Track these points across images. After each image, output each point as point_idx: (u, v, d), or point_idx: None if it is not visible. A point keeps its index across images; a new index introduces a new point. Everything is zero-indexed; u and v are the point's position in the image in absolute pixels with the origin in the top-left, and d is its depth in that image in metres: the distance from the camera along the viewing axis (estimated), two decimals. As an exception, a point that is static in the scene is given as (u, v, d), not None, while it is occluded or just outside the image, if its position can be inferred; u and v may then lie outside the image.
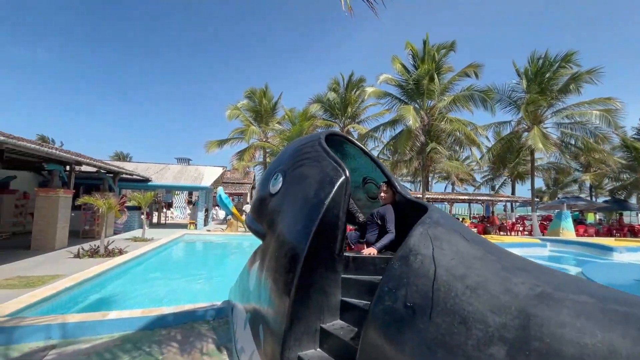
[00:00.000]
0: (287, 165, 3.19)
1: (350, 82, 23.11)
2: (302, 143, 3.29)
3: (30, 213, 14.38)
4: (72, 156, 9.35)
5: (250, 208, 3.79)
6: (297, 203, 2.73)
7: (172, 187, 16.64)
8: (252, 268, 3.29)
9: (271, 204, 3.14)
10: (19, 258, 8.34)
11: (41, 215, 9.82)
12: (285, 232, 2.66)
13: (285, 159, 3.31)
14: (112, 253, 9.00)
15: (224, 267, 9.77)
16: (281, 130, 15.28)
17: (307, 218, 2.48)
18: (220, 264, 10.24)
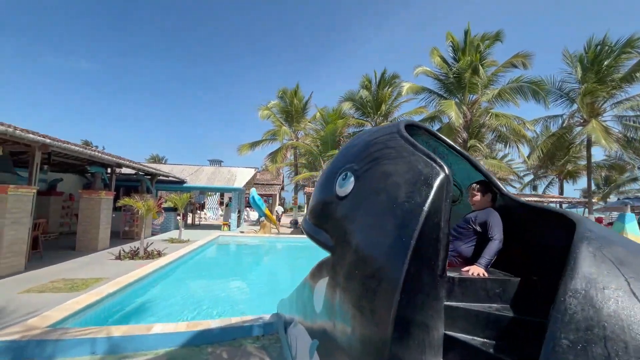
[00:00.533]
0: (358, 162, 2.65)
1: (382, 79, 22.30)
2: (375, 135, 2.74)
3: (75, 214, 14.97)
4: (113, 158, 9.44)
5: (308, 212, 3.29)
6: (381, 209, 2.19)
7: (206, 188, 16.74)
8: (318, 285, 2.78)
9: (340, 210, 2.62)
10: (65, 259, 8.47)
11: (85, 217, 10.01)
12: (368, 247, 2.13)
13: (354, 155, 2.78)
14: (152, 255, 8.95)
15: (262, 270, 9.47)
16: (316, 130, 14.87)
17: (400, 229, 1.93)
18: (258, 267, 9.95)
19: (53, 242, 11.49)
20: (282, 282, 7.99)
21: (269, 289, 7.17)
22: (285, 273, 9.14)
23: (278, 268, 9.76)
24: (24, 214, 7.08)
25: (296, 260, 11.35)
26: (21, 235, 7.01)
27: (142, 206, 9.07)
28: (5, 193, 6.57)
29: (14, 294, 5.43)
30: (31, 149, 7.39)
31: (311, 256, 11.05)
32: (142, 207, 9.07)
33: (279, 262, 10.84)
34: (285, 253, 12.24)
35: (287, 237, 14.34)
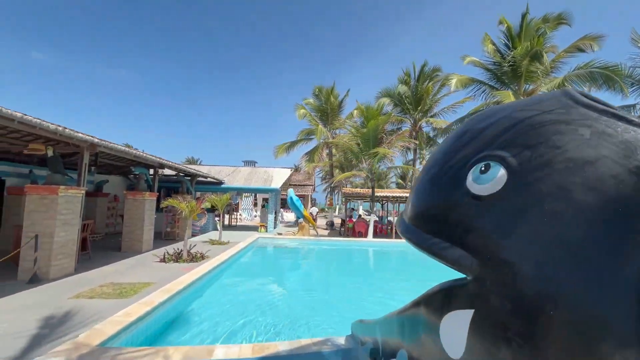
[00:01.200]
0: (508, 148, 1.86)
1: (422, 72, 21.15)
2: (532, 108, 1.93)
3: (120, 215, 15.30)
4: (156, 159, 9.29)
5: (413, 217, 2.53)
6: (583, 218, 1.39)
7: (243, 189, 16.53)
8: (448, 321, 2.03)
9: (484, 215, 1.83)
10: (111, 260, 8.37)
11: (129, 218, 9.96)
12: (566, 277, 1.35)
13: (495, 137, 1.98)
14: (195, 258, 8.64)
15: (311, 275, 8.89)
16: (355, 127, 14.14)
17: (632, 251, 1.14)
18: (306, 272, 9.38)
19: (99, 242, 11.64)
20: (336, 290, 7.33)
21: (324, 297, 6.53)
22: (336, 278, 8.48)
23: (327, 273, 9.14)
24: (74, 215, 6.96)
25: (345, 265, 10.67)
26: (71, 236, 6.88)
27: (185, 207, 8.80)
28: (56, 194, 6.44)
29: (64, 300, 5.18)
30: (80, 149, 7.29)
31: (361, 260, 10.17)
32: (186, 209, 8.80)
33: (327, 266, 10.21)
34: (331, 256, 11.61)
35: (328, 240, 13.70)
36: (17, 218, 8.91)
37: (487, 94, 15.00)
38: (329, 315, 5.33)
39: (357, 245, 13.16)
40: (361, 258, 11.77)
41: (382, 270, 9.94)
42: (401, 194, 15.44)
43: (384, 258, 11.76)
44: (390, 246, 13.10)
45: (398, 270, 10.15)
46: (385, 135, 14.02)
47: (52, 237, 6.36)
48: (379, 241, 13.57)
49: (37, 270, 6.17)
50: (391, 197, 15.28)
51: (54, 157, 6.81)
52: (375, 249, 12.88)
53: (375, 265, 10.89)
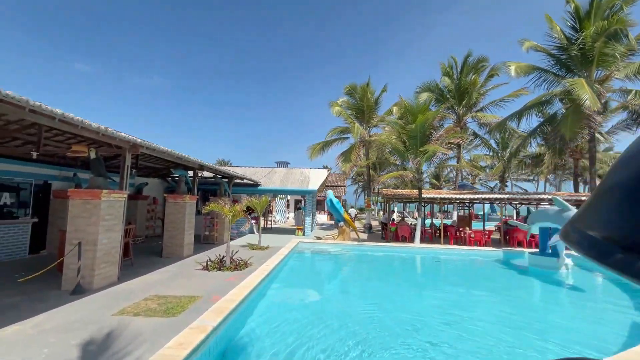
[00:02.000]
0: None
1: (466, 64, 19.59)
2: None
3: (159, 217, 15.29)
4: (197, 161, 8.82)
5: (605, 229, 1.54)
6: None
7: (280, 191, 15.96)
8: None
9: None
10: (153, 267, 7.97)
11: (170, 222, 9.59)
12: None
13: None
14: (239, 265, 8.05)
15: (371, 286, 7.98)
16: (400, 124, 13.07)
17: None
18: (364, 283, 8.49)
19: (140, 246, 11.45)
20: (410, 304, 6.40)
21: (404, 316, 5.61)
22: (403, 291, 7.53)
23: (389, 284, 8.19)
24: (117, 220, 6.55)
25: (405, 274, 9.67)
26: (114, 243, 6.48)
27: (229, 212, 8.24)
28: (99, 198, 6.03)
29: (107, 316, 4.67)
30: (122, 151, 6.89)
31: (422, 269, 8.95)
32: (229, 213, 8.24)
33: (386, 277, 9.26)
34: (384, 264, 10.64)
35: (373, 245, 12.73)
36: (63, 222, 8.80)
37: (550, 82, 13.36)
38: (427, 342, 4.43)
39: (408, 252, 12.10)
40: (419, 266, 10.69)
41: (448, 281, 8.82)
42: (449, 195, 14.15)
43: (444, 266, 10.62)
44: (444, 253, 11.91)
45: (465, 279, 9.00)
46: (435, 131, 12.83)
47: (95, 244, 5.95)
48: (429, 247, 12.42)
49: (81, 280, 5.78)
50: (438, 199, 14.05)
51: (96, 159, 6.44)
52: (428, 255, 11.76)
53: (439, 275, 9.78)
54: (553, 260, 8.89)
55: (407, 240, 15.34)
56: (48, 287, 5.98)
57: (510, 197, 13.58)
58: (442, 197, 13.81)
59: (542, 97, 14.02)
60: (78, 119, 4.47)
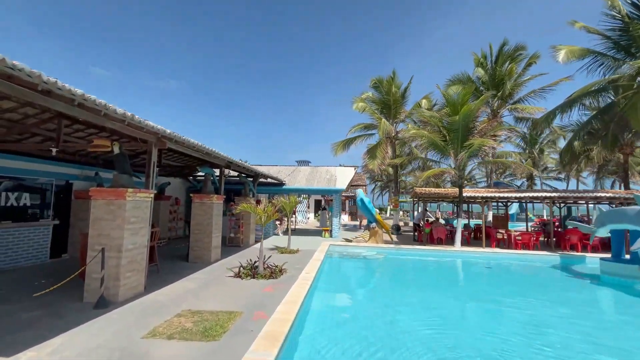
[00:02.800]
0: None
1: (501, 53, 18.28)
2: None
3: (181, 219, 14.74)
4: (226, 157, 8.05)
5: None
6: None
7: (305, 190, 15.13)
8: None
9: None
10: (181, 274, 7.24)
11: (196, 224, 8.88)
12: None
13: None
14: (274, 273, 7.22)
15: (427, 296, 7.02)
16: (437, 117, 11.99)
17: None
18: (414, 291, 7.54)
19: (164, 249, 10.83)
20: (482, 321, 5.42)
21: (479, 336, 4.65)
22: (469, 305, 6.53)
23: (445, 295, 7.20)
24: (143, 223, 5.83)
25: (460, 283, 8.65)
26: (140, 248, 5.76)
27: (262, 213, 7.43)
28: (124, 198, 5.32)
29: (136, 338, 3.90)
30: (147, 145, 6.17)
31: (475, 276, 7.54)
32: (263, 214, 7.43)
33: (434, 284, 8.30)
34: (431, 270, 9.67)
35: (410, 248, 11.70)
36: (85, 224, 8.22)
37: (607, 67, 11.98)
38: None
39: (452, 256, 11.03)
40: (473, 273, 9.61)
41: (514, 292, 7.69)
42: (496, 193, 12.94)
43: (500, 273, 9.52)
44: (492, 257, 10.78)
45: (531, 289, 7.89)
46: (479, 124, 11.69)
47: (120, 250, 5.23)
48: (471, 250, 11.31)
49: (104, 292, 5.06)
50: (479, 198, 12.88)
51: (120, 154, 5.74)
52: (476, 260, 10.67)
53: (500, 283, 8.68)
54: (633, 268, 7.66)
55: (442, 242, 14.23)
56: (69, 298, 5.30)
57: (563, 195, 12.27)
58: (485, 196, 12.64)
59: (592, 86, 12.64)
60: (102, 102, 3.72)
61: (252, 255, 9.91)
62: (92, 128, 6.68)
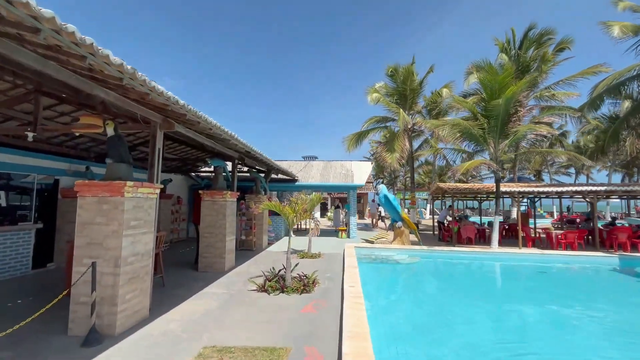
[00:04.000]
0: None
1: (526, 38, 17.01)
2: None
3: (184, 219, 13.36)
4: (245, 145, 6.68)
5: None
6: None
7: (320, 187, 13.82)
8: None
9: None
10: (192, 288, 5.90)
11: (207, 225, 7.53)
12: None
13: None
14: (307, 286, 5.90)
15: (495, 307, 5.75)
16: (469, 105, 10.71)
17: None
18: (479, 302, 6.25)
19: (167, 254, 9.47)
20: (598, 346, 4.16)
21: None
22: (557, 319, 5.28)
23: (518, 307, 5.96)
24: (147, 226, 4.50)
25: (534, 291, 7.39)
26: (144, 261, 4.42)
27: (292, 212, 6.11)
28: (121, 195, 3.97)
29: (145, 404, 2.57)
30: (151, 127, 4.83)
31: (544, 284, 5.83)
32: (292, 214, 6.11)
33: (494, 293, 7.04)
34: (478, 276, 8.41)
35: (447, 250, 10.42)
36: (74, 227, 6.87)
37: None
38: None
39: (494, 258, 9.76)
40: (531, 279, 8.34)
41: (596, 303, 6.47)
42: (538, 188, 11.69)
43: (562, 279, 8.30)
44: (539, 260, 9.54)
45: (612, 299, 6.67)
46: (521, 109, 10.42)
47: (117, 264, 3.89)
48: (512, 251, 10.06)
49: (96, 322, 3.72)
50: (516, 193, 11.63)
51: (116, 136, 4.39)
52: (521, 263, 9.44)
53: (574, 291, 7.43)
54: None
55: (471, 242, 13.00)
56: (51, 328, 3.96)
57: (610, 189, 11.05)
58: (523, 191, 11.38)
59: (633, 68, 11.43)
60: (89, 40, 2.35)
61: (268, 261, 8.61)
62: (79, 106, 5.30)
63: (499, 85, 10.33)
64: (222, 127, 5.12)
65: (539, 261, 9.42)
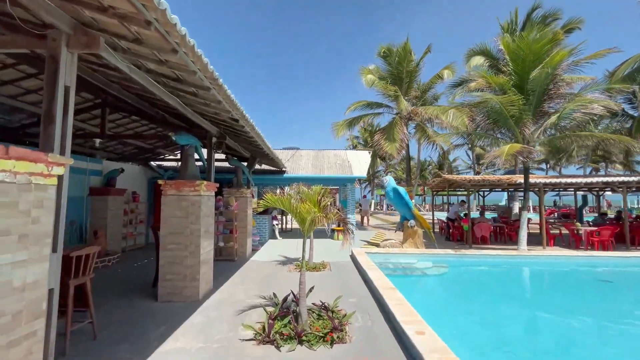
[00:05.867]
0: None
1: (529, 19, 15.76)
2: None
3: (142, 221, 10.57)
4: (238, 109, 4.21)
5: None
6: None
7: (314, 179, 11.54)
8: None
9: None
10: (147, 338, 3.48)
11: (171, 232, 5.04)
12: None
13: None
14: (337, 328, 3.68)
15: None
16: (496, 81, 8.94)
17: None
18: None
19: (112, 271, 6.83)
20: None
21: None
22: None
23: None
24: (38, 229, 2.03)
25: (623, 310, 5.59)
26: (35, 293, 1.96)
27: (308, 210, 3.84)
28: None
29: None
30: (47, 42, 2.36)
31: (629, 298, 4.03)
32: (311, 214, 3.85)
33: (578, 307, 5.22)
34: (535, 287, 6.64)
35: (481, 255, 8.60)
36: None
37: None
38: None
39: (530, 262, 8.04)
40: (586, 285, 6.69)
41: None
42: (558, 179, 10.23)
43: (619, 286, 6.71)
44: (577, 262, 8.02)
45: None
46: (563, 82, 8.76)
47: None
48: (545, 253, 8.50)
49: None
50: (541, 185, 10.14)
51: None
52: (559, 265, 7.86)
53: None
54: None
55: (486, 242, 11.42)
56: None
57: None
58: (552, 182, 9.88)
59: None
60: None
61: (258, 277, 6.33)
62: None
63: (534, 55, 8.69)
64: (200, 53, 2.72)
65: (586, 265, 7.87)
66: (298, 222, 4.09)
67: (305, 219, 3.93)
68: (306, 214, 3.85)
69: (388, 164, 36.68)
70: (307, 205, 3.78)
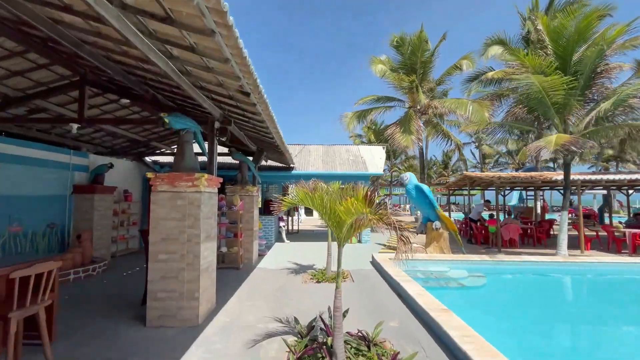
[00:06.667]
0: None
1: (552, 5, 14.74)
2: None
3: (134, 222, 9.53)
4: (256, 77, 3.18)
5: None
6: None
7: (325, 176, 10.54)
8: None
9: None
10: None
11: (163, 238, 3.99)
12: None
13: None
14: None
15: None
16: (537, 63, 7.89)
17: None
18: None
19: (96, 282, 5.79)
20: None
21: None
22: None
23: None
24: None
25: None
26: None
27: (349, 212, 2.77)
28: None
29: None
30: None
31: None
32: (354, 215, 2.79)
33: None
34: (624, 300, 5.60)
35: (506, 261, 7.57)
36: None
37: None
38: None
39: (582, 270, 7.06)
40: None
41: None
42: (600, 176, 9.18)
43: None
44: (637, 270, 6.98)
45: None
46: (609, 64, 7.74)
47: None
48: (594, 260, 7.47)
49: None
50: (579, 182, 9.10)
51: None
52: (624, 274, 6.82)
53: None
54: None
55: (515, 245, 10.38)
56: None
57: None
58: (593, 179, 8.85)
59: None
60: None
61: (270, 289, 5.31)
62: None
63: (579, 34, 7.65)
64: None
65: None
66: (332, 226, 3.04)
67: (343, 222, 2.88)
68: (345, 215, 2.80)
69: (392, 163, 35.60)
70: (351, 203, 2.72)
